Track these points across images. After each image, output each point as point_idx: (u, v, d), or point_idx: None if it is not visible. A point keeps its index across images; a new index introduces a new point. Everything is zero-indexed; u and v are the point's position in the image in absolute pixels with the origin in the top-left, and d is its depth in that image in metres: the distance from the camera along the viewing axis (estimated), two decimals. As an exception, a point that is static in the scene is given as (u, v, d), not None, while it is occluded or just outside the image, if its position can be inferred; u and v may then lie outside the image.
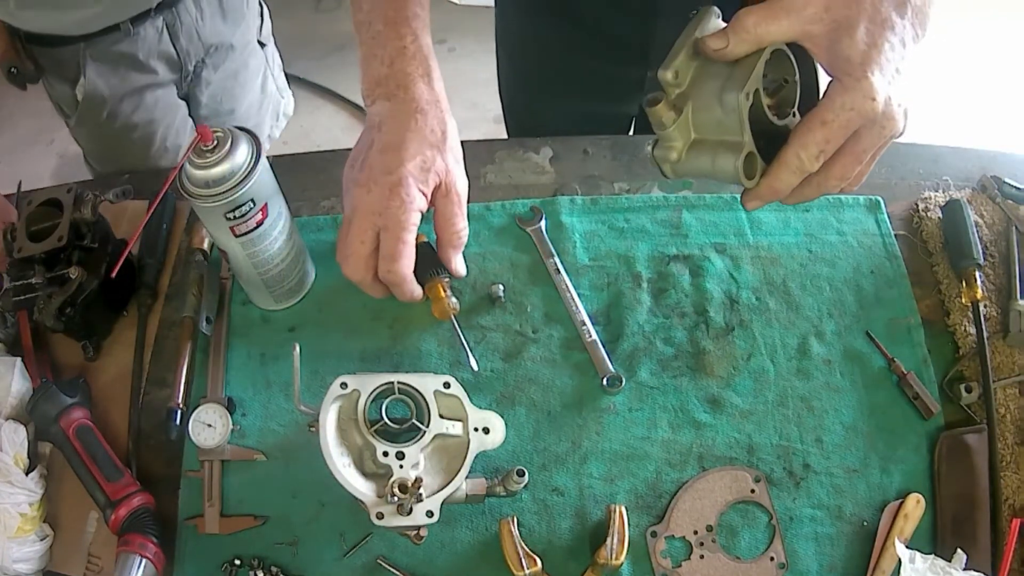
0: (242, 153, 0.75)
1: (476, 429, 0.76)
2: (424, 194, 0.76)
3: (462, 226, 0.79)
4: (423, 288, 0.79)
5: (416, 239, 0.77)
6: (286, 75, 1.61)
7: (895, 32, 0.59)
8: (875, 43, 0.58)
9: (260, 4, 1.47)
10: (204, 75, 1.39)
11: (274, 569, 0.77)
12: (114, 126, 1.32)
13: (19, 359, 0.85)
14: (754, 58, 0.60)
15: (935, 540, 0.78)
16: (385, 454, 0.73)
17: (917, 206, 0.97)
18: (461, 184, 0.79)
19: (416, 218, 0.76)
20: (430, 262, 0.78)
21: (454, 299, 0.82)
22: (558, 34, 1.14)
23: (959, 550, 0.74)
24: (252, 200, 0.77)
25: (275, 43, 1.54)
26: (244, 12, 1.41)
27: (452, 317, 0.77)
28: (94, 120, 1.30)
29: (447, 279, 0.78)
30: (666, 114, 0.62)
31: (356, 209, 0.77)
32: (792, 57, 0.63)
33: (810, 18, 0.59)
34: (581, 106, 1.22)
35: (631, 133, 1.31)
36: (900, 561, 0.72)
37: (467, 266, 0.94)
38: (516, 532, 0.75)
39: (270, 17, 1.51)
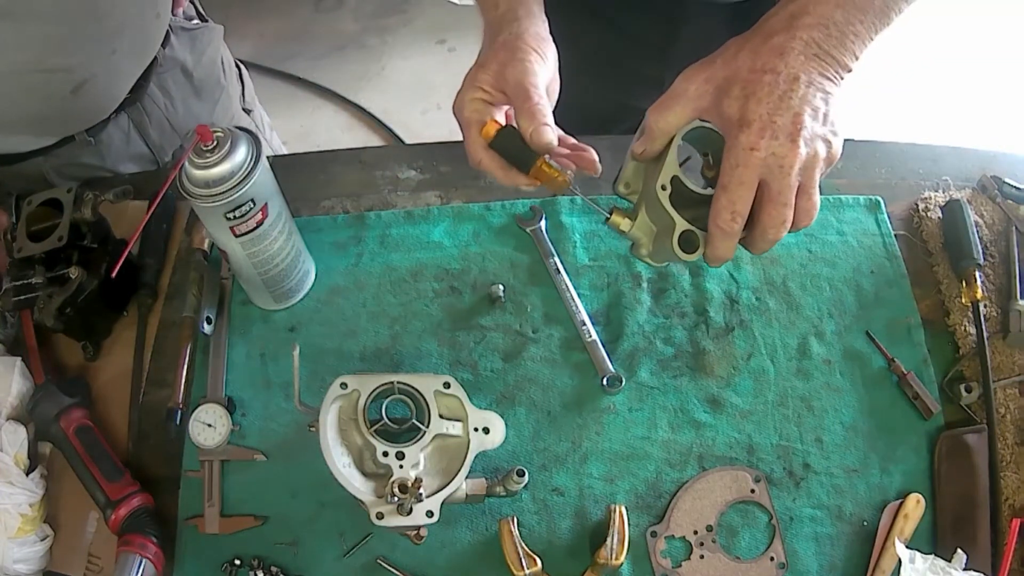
0: (242, 153, 0.75)
1: (476, 429, 0.76)
2: (485, 85, 0.72)
3: (527, 106, 0.70)
4: (527, 173, 0.72)
5: (494, 128, 0.71)
6: (286, 75, 1.56)
7: (776, 71, 0.60)
8: (752, 92, 0.60)
9: (239, 67, 1.32)
10: None
11: (274, 569, 0.77)
12: None
13: (19, 359, 0.85)
14: (667, 149, 0.65)
15: (935, 540, 0.78)
16: (385, 454, 0.73)
17: (917, 206, 0.97)
18: (520, 74, 0.71)
19: (471, 100, 0.72)
20: (521, 147, 0.71)
21: (562, 169, 0.73)
22: (585, 30, 1.16)
23: (959, 550, 0.74)
24: (252, 200, 0.77)
25: (259, 104, 1.40)
26: (221, 83, 1.24)
27: (569, 187, 0.72)
28: None
29: (545, 156, 0.72)
30: (622, 222, 0.69)
31: None
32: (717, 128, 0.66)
33: (696, 95, 0.62)
34: (602, 100, 1.25)
35: None
36: (900, 561, 0.72)
37: (467, 266, 0.94)
38: (516, 532, 0.75)
39: (250, 78, 1.36)
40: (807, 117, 0.60)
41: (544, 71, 0.71)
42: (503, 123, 0.71)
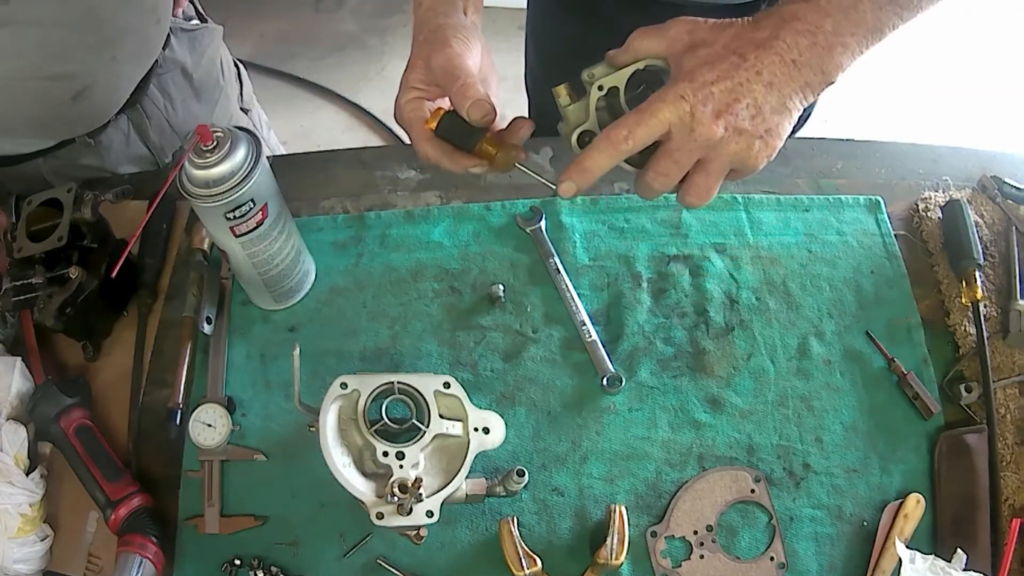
0: (242, 153, 0.75)
1: (476, 429, 0.76)
2: (417, 83, 0.73)
3: (457, 86, 0.71)
4: (473, 152, 0.73)
5: (436, 116, 0.72)
6: (286, 75, 1.56)
7: (744, 58, 0.60)
8: (713, 63, 0.61)
9: (237, 67, 1.33)
10: None
11: (274, 569, 0.77)
12: None
13: (19, 359, 0.85)
14: (630, 66, 0.67)
15: (935, 540, 0.78)
16: (385, 454, 0.73)
17: (917, 206, 0.97)
18: (445, 60, 0.73)
19: (407, 102, 0.74)
20: (464, 128, 0.72)
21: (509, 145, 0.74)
22: (585, 33, 1.17)
23: (959, 550, 0.74)
24: (252, 200, 0.77)
25: (258, 103, 1.41)
26: (220, 84, 1.24)
27: (517, 164, 0.73)
28: None
29: (486, 133, 0.74)
30: (563, 96, 0.69)
31: None
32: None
33: (674, 36, 0.64)
34: None
35: None
36: (900, 561, 0.72)
37: (467, 266, 0.94)
38: (516, 532, 0.75)
39: (250, 78, 1.37)
40: (743, 108, 0.60)
41: (470, 55, 0.72)
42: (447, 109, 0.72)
